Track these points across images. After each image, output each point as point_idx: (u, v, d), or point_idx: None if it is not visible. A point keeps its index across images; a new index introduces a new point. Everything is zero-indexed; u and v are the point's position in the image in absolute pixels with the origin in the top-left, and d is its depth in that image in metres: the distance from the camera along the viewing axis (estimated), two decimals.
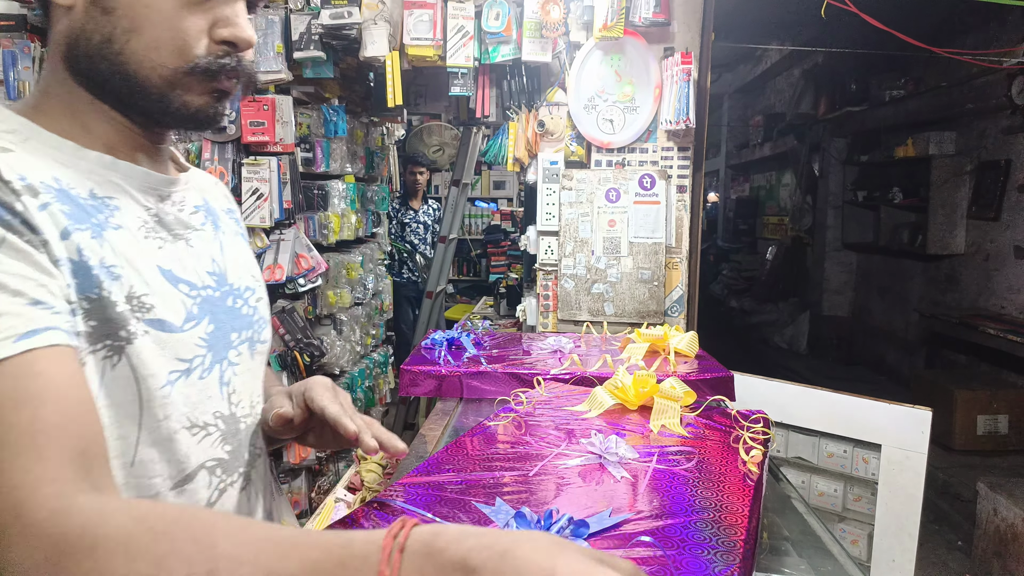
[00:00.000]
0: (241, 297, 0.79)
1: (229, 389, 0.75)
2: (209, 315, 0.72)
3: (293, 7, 2.17)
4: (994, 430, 4.30)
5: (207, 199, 0.81)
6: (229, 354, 0.75)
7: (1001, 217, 4.82)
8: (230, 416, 0.75)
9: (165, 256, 0.69)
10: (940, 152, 5.29)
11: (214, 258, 0.76)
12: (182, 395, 0.68)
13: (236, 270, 0.80)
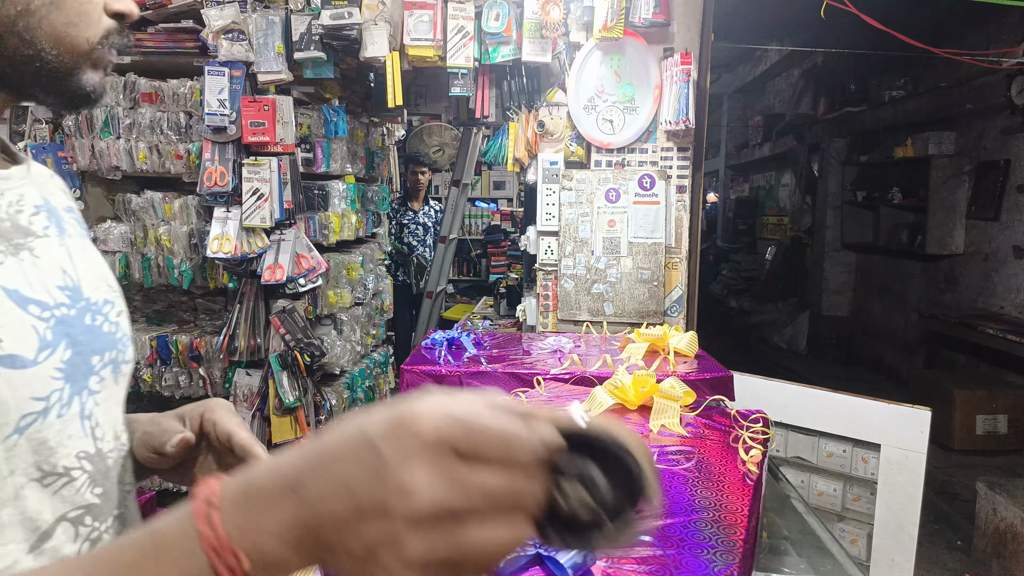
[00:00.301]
0: (100, 313, 0.65)
1: (92, 423, 0.62)
2: (66, 338, 0.59)
3: (293, 8, 2.17)
4: (993, 430, 4.30)
5: (47, 197, 0.66)
6: (90, 382, 0.62)
7: (1000, 217, 4.82)
8: (96, 454, 0.62)
9: (5, 273, 0.55)
10: (939, 152, 5.29)
11: (64, 269, 0.62)
12: (34, 442, 0.55)
13: (91, 280, 0.66)
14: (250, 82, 2.21)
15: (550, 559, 0.62)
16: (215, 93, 2.14)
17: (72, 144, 2.32)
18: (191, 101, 2.29)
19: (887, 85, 5.90)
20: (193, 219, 2.37)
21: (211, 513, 0.37)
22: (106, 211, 2.50)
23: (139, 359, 2.45)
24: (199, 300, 2.61)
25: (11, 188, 0.60)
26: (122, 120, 2.30)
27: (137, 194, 2.40)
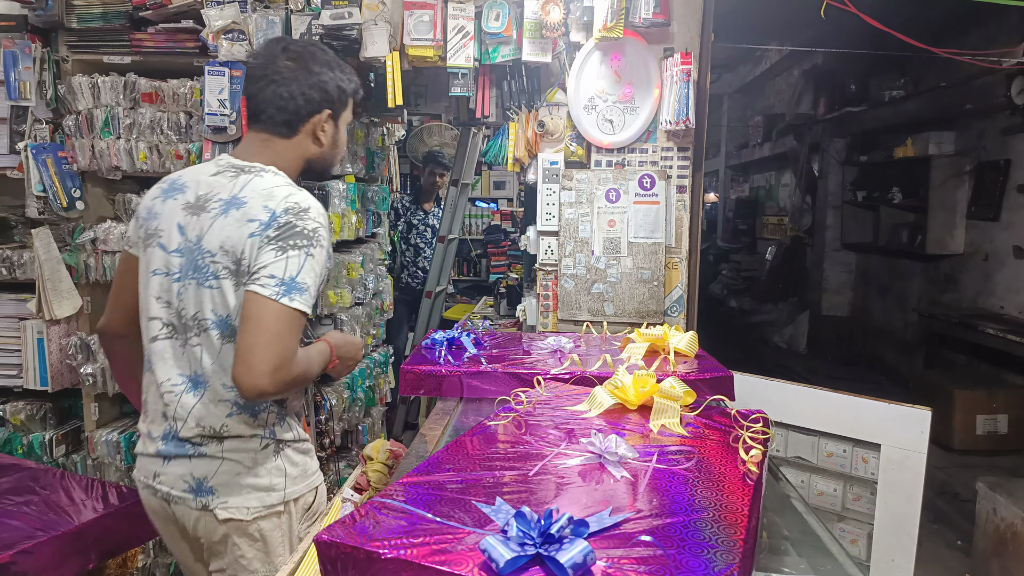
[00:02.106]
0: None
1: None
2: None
3: (294, 7, 2.17)
4: (993, 430, 4.30)
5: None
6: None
7: (1000, 217, 4.82)
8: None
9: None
10: (940, 152, 5.29)
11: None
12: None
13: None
14: None
15: (550, 559, 0.62)
16: (215, 93, 2.15)
17: (72, 144, 2.32)
18: (191, 101, 2.29)
19: (887, 85, 5.90)
20: None
21: (329, 344, 1.42)
22: (106, 211, 2.51)
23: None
24: None
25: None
26: (122, 120, 2.30)
27: (137, 194, 2.40)
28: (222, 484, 1.32)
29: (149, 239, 1.37)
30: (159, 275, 1.35)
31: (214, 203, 1.32)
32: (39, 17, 2.27)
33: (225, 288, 1.29)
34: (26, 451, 2.48)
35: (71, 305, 2.43)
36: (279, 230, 1.26)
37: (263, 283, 1.21)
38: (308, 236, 1.27)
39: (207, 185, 1.35)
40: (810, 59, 7.22)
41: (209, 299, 1.30)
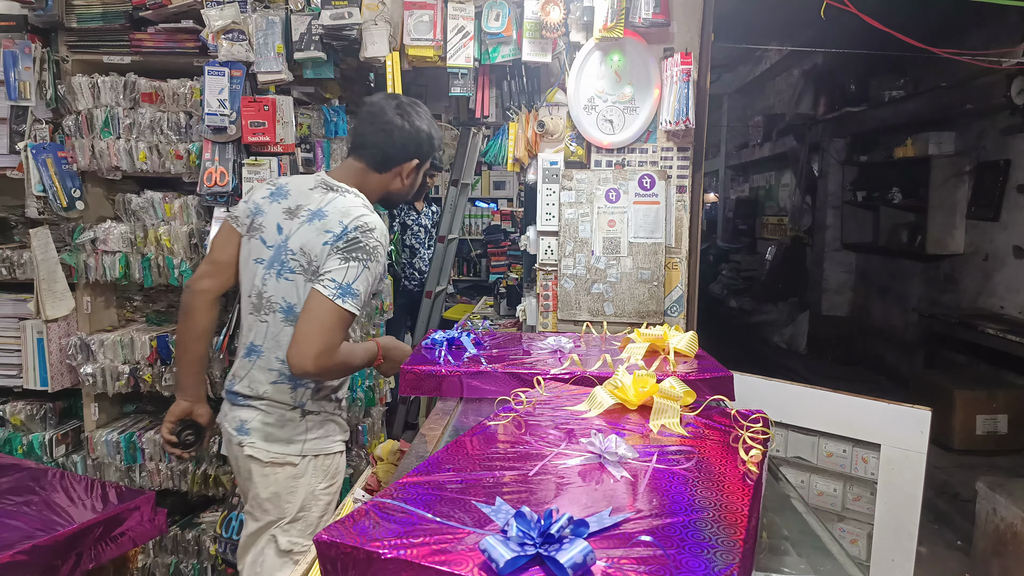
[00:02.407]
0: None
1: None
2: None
3: (294, 7, 2.17)
4: (993, 430, 4.30)
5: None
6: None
7: (1000, 217, 4.82)
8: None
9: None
10: (939, 152, 5.29)
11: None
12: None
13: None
14: (250, 82, 2.21)
15: (550, 559, 0.62)
16: (215, 93, 2.15)
17: (72, 144, 2.32)
18: (191, 101, 2.29)
19: (887, 85, 5.90)
20: (193, 219, 2.37)
21: (377, 344, 1.71)
22: (106, 211, 2.51)
23: (139, 359, 2.45)
24: None
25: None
26: (122, 120, 2.30)
27: (137, 194, 2.41)
28: (255, 429, 1.66)
29: (253, 231, 1.70)
30: (256, 263, 1.68)
31: (304, 212, 1.65)
32: (39, 17, 2.27)
33: (297, 282, 1.62)
34: (26, 451, 2.48)
35: (65, 306, 2.43)
36: (347, 242, 1.57)
37: (325, 284, 1.52)
38: (368, 252, 1.58)
39: (304, 197, 1.68)
40: (810, 59, 7.22)
41: (283, 289, 1.63)
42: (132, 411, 2.71)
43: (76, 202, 2.37)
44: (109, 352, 2.43)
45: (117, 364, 2.43)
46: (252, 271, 1.69)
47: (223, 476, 2.46)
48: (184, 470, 2.49)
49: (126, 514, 1.66)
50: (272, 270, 1.65)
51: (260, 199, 1.72)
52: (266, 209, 1.69)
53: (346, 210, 1.62)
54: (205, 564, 2.52)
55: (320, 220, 1.61)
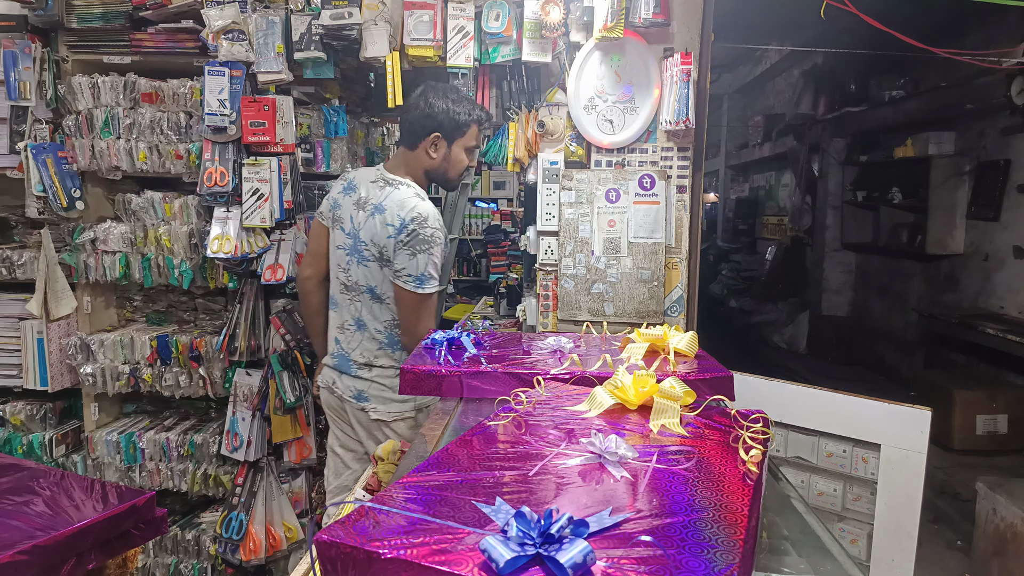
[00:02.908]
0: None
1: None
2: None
3: (294, 7, 2.17)
4: (993, 430, 4.30)
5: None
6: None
7: (1000, 217, 4.82)
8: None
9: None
10: (939, 152, 5.29)
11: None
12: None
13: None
14: (250, 82, 2.21)
15: (550, 559, 0.62)
16: (215, 93, 2.15)
17: (72, 144, 2.32)
18: (191, 101, 2.29)
19: (887, 85, 5.90)
20: (193, 219, 2.37)
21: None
22: (106, 211, 2.50)
23: (139, 359, 2.45)
24: (199, 300, 2.61)
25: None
26: (122, 120, 2.30)
27: (137, 194, 2.40)
28: (373, 396, 1.97)
29: (335, 222, 2.02)
30: (340, 250, 2.01)
31: (369, 206, 1.94)
32: (39, 17, 2.27)
33: (372, 268, 1.94)
34: (26, 451, 2.48)
35: (67, 305, 2.43)
36: (408, 236, 1.86)
37: (404, 280, 1.88)
38: (428, 240, 1.87)
39: (367, 190, 1.97)
40: (810, 59, 7.22)
41: (363, 274, 1.95)
42: (132, 411, 2.71)
43: (76, 202, 2.37)
44: (109, 352, 2.43)
45: (117, 364, 2.43)
46: (337, 256, 2.02)
47: (223, 476, 2.46)
48: (184, 470, 2.49)
49: (126, 514, 1.65)
50: (353, 257, 1.97)
51: (336, 194, 2.04)
52: (341, 203, 2.01)
53: (401, 203, 1.89)
54: (205, 564, 2.52)
55: (381, 214, 1.90)
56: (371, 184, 1.98)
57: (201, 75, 2.17)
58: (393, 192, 1.92)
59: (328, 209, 2.06)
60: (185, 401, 2.63)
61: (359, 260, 1.95)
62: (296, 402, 2.30)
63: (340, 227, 2.01)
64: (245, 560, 2.33)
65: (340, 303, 2.03)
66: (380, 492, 0.81)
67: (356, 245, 1.96)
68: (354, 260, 1.97)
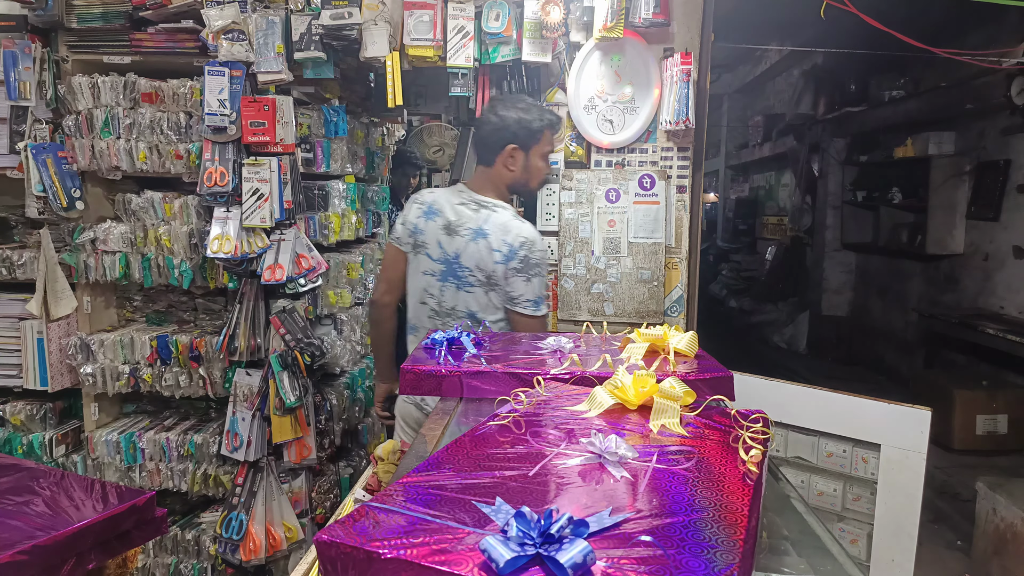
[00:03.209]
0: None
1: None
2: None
3: (294, 7, 2.17)
4: (993, 430, 4.30)
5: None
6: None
7: (1000, 217, 4.82)
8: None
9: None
10: (939, 152, 5.29)
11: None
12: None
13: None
14: (250, 82, 2.21)
15: (550, 559, 0.62)
16: (215, 93, 2.15)
17: (72, 144, 2.32)
18: (191, 101, 2.29)
19: (887, 85, 5.90)
20: (193, 219, 2.37)
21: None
22: (106, 211, 2.50)
23: (139, 359, 2.45)
24: (199, 300, 2.61)
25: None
26: (122, 120, 2.30)
27: (137, 194, 2.40)
28: None
29: (418, 248, 1.98)
30: (427, 275, 1.96)
31: (464, 230, 1.90)
32: (39, 17, 2.27)
33: (476, 293, 1.91)
34: (26, 451, 2.48)
35: (67, 305, 2.43)
36: (521, 262, 1.86)
37: (524, 306, 1.89)
38: (539, 263, 1.89)
39: (456, 213, 1.93)
40: (810, 59, 7.22)
41: (464, 299, 1.92)
42: (132, 411, 2.71)
43: (76, 202, 2.37)
44: (109, 352, 2.43)
45: (117, 364, 2.43)
46: (423, 282, 1.98)
47: (223, 476, 2.46)
48: (184, 470, 2.49)
49: (126, 514, 1.65)
50: (449, 283, 1.93)
51: (415, 219, 1.98)
52: (423, 228, 1.96)
53: (504, 227, 1.87)
54: (205, 564, 2.52)
55: (484, 239, 1.87)
56: (459, 207, 1.93)
57: (201, 75, 2.17)
58: (492, 216, 1.89)
59: (407, 235, 2.00)
60: (185, 401, 2.63)
61: (458, 285, 1.92)
62: (296, 402, 2.30)
63: (425, 253, 1.96)
64: (245, 560, 2.33)
65: (421, 325, 1.99)
66: (380, 492, 0.81)
67: (454, 270, 1.91)
68: (450, 286, 1.93)
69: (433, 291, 1.96)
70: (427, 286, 1.97)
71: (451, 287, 1.93)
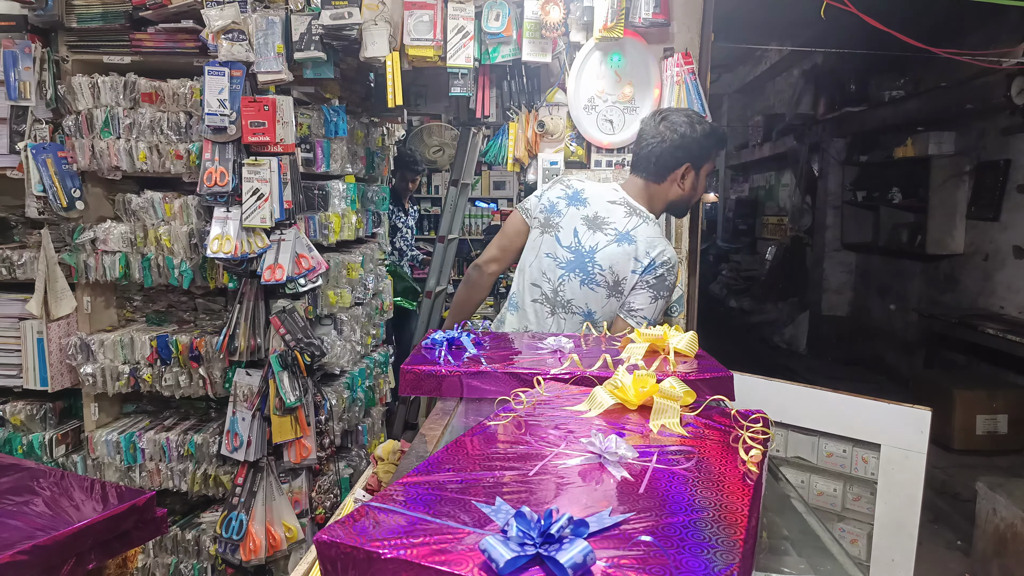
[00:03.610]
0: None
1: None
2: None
3: (294, 7, 2.17)
4: (993, 430, 4.30)
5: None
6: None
7: (1000, 217, 4.82)
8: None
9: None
10: (939, 152, 5.29)
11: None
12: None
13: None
14: (250, 82, 2.21)
15: (550, 559, 0.62)
16: (215, 93, 2.15)
17: (72, 144, 2.32)
18: (191, 101, 2.29)
19: (887, 85, 5.90)
20: (193, 219, 2.37)
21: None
22: (106, 211, 2.51)
23: (139, 359, 2.45)
24: (199, 300, 2.61)
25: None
26: (122, 120, 2.30)
27: (137, 194, 2.40)
28: None
29: (548, 227, 1.90)
30: (549, 258, 1.89)
31: (610, 229, 1.85)
32: (39, 17, 2.27)
33: (600, 294, 1.84)
34: (26, 451, 2.48)
35: (67, 305, 2.43)
36: (656, 279, 1.81)
37: (637, 320, 1.81)
38: (670, 287, 1.84)
39: (606, 209, 1.87)
40: (810, 59, 7.22)
41: (586, 296, 1.84)
42: (132, 411, 2.71)
43: (76, 202, 2.37)
44: (109, 352, 2.43)
45: (117, 364, 2.43)
46: (543, 264, 1.89)
47: (223, 476, 2.46)
48: (184, 470, 2.49)
49: (126, 514, 1.65)
50: (574, 275, 1.85)
51: (555, 198, 1.91)
52: (562, 210, 1.89)
53: (652, 241, 1.82)
54: (205, 564, 2.52)
55: (629, 244, 1.82)
56: (611, 205, 1.87)
57: (201, 75, 2.17)
58: (643, 225, 1.84)
59: (540, 211, 1.93)
60: (185, 401, 2.63)
61: (584, 280, 1.85)
62: (296, 402, 2.30)
63: (555, 235, 1.89)
64: (245, 560, 2.33)
65: (530, 312, 1.92)
66: (380, 492, 0.81)
67: (583, 263, 1.84)
68: (575, 278, 1.85)
69: (552, 276, 1.88)
70: (547, 269, 1.89)
71: (575, 280, 1.86)
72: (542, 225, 1.92)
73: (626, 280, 1.82)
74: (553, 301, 1.88)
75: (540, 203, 1.94)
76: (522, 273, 1.96)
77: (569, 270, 1.86)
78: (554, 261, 1.88)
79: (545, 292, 1.89)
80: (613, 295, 1.84)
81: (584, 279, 1.85)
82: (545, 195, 1.95)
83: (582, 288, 1.85)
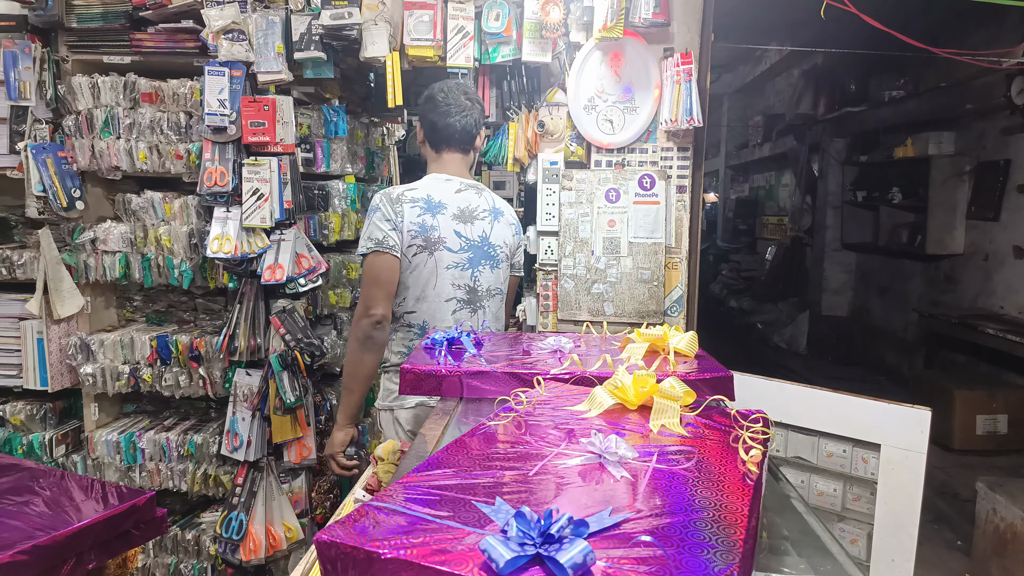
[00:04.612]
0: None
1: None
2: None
3: (294, 7, 2.17)
4: (993, 430, 4.30)
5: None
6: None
7: (1000, 217, 4.82)
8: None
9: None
10: (939, 152, 5.29)
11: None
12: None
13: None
14: (250, 82, 2.21)
15: (550, 559, 0.62)
16: (215, 93, 2.15)
17: (72, 144, 2.32)
18: (191, 101, 2.29)
19: (887, 85, 5.90)
20: (193, 219, 2.37)
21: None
22: (106, 211, 2.51)
23: (139, 359, 2.45)
24: (199, 300, 2.61)
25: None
26: (122, 120, 2.30)
27: (137, 194, 2.40)
28: None
29: (433, 245, 1.91)
30: (452, 269, 1.94)
31: (481, 212, 1.98)
32: (39, 17, 2.27)
33: (503, 268, 2.05)
34: (26, 451, 2.48)
35: (73, 304, 2.43)
36: (518, 231, 2.11)
37: (519, 269, 2.18)
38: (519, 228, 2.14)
39: (463, 200, 1.96)
40: (810, 59, 7.22)
41: (498, 277, 2.03)
42: (132, 411, 2.71)
43: (76, 202, 2.37)
44: (109, 352, 2.43)
45: (117, 364, 2.43)
46: (448, 278, 1.93)
47: (223, 476, 2.46)
48: (184, 470, 2.49)
49: (126, 514, 1.65)
50: (483, 264, 1.98)
51: (418, 219, 1.89)
52: (433, 224, 1.91)
53: (504, 205, 2.07)
54: (205, 564, 2.52)
55: (502, 216, 2.03)
56: (459, 195, 1.96)
57: (201, 75, 2.17)
58: (489, 195, 2.03)
59: (411, 238, 1.88)
60: (185, 401, 2.63)
61: (492, 265, 2.00)
62: (296, 402, 2.30)
63: (444, 247, 1.91)
64: (245, 560, 2.33)
65: (446, 320, 1.93)
66: (380, 492, 0.81)
67: (484, 252, 1.97)
68: (485, 266, 1.98)
69: (463, 281, 1.96)
70: (454, 279, 1.95)
71: (486, 268, 1.99)
72: (424, 247, 1.90)
73: (514, 245, 2.08)
74: (473, 299, 1.98)
75: (402, 234, 1.88)
76: (423, 300, 1.93)
77: (476, 264, 1.97)
78: (459, 267, 1.95)
79: (462, 297, 1.97)
80: (508, 263, 2.07)
81: (492, 264, 2.00)
82: (407, 221, 1.87)
83: (494, 272, 2.01)
